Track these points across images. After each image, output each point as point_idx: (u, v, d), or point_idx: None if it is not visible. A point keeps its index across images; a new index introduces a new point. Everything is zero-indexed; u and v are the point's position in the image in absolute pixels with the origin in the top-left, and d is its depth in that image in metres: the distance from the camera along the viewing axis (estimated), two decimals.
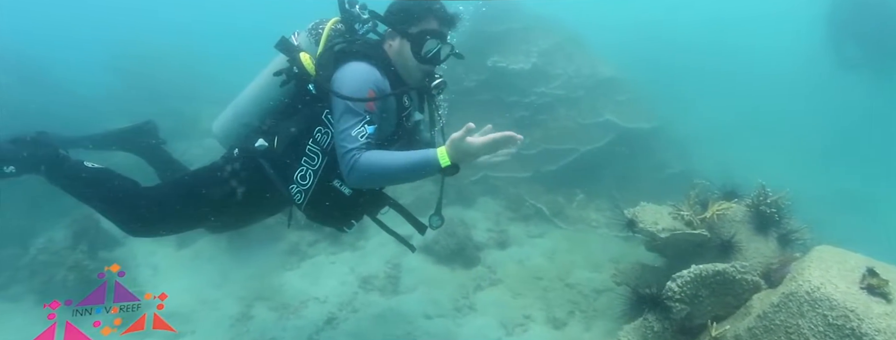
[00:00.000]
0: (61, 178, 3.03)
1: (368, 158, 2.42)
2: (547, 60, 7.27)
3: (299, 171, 2.75)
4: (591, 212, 6.41)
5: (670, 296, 3.14)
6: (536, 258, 5.55)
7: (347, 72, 2.60)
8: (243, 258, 5.77)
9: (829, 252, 2.93)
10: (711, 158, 7.82)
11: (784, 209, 3.83)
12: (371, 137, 2.50)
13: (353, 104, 2.50)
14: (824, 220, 4.24)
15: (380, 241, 5.95)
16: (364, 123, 2.50)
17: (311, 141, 2.77)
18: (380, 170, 2.40)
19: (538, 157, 6.72)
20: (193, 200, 2.90)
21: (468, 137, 2.28)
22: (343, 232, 3.07)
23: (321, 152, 2.76)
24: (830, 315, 2.49)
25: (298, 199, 2.79)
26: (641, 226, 3.88)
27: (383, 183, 2.53)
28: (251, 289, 5.27)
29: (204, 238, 6.13)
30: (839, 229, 4.87)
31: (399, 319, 4.79)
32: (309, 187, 2.75)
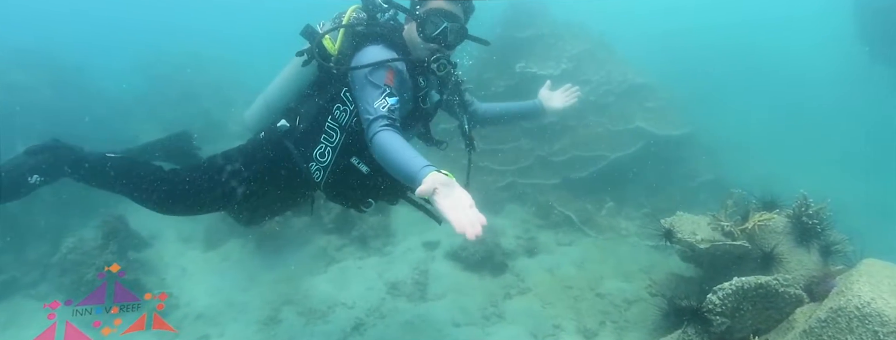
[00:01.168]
0: (88, 174, 3.06)
1: (384, 137, 2.44)
2: (577, 66, 7.20)
3: (318, 148, 2.87)
4: (620, 220, 6.32)
5: (711, 309, 3.06)
6: (566, 267, 5.48)
7: (365, 53, 2.72)
8: (271, 261, 5.81)
9: (878, 266, 2.84)
10: (743, 166, 7.67)
11: (826, 221, 3.73)
12: (393, 107, 2.57)
13: (372, 78, 2.61)
14: (864, 231, 4.10)
15: (407, 246, 5.94)
16: (385, 95, 2.58)
17: (330, 118, 2.88)
18: (384, 155, 2.42)
19: (567, 163, 6.66)
20: (221, 176, 2.97)
21: (458, 186, 2.14)
22: (361, 212, 3.14)
23: (339, 130, 2.87)
24: (881, 331, 2.41)
25: (317, 176, 2.88)
26: (679, 237, 3.80)
27: (387, 169, 2.50)
28: (279, 293, 5.30)
29: (232, 240, 6.19)
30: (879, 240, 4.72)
31: (427, 326, 4.76)
32: (327, 165, 2.86)
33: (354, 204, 3.06)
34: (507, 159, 6.87)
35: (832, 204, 3.79)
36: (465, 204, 2.01)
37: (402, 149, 2.37)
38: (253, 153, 3.03)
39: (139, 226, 6.18)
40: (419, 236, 6.05)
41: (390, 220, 6.32)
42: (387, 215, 6.35)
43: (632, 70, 7.52)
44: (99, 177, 3.05)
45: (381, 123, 2.51)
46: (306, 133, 2.93)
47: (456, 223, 1.93)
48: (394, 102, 2.59)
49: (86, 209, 6.42)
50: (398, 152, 2.36)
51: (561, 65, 7.10)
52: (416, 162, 2.24)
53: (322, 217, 6.29)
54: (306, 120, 2.94)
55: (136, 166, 3.09)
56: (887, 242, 5.23)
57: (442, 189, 2.05)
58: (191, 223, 6.52)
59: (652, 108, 7.17)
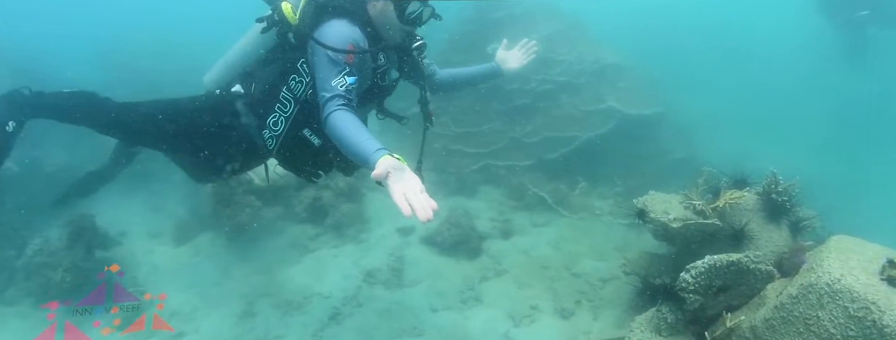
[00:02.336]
0: (47, 111, 3.20)
1: (338, 117, 2.46)
2: (548, 47, 7.13)
3: (272, 117, 2.89)
4: (594, 199, 6.35)
5: (684, 287, 3.08)
6: (541, 248, 5.50)
7: (328, 27, 2.67)
8: (244, 254, 5.69)
9: (847, 242, 2.88)
10: (715, 144, 7.74)
11: (795, 197, 3.78)
12: (351, 86, 2.58)
13: (333, 55, 2.59)
14: (833, 207, 4.17)
15: (382, 233, 5.90)
16: (344, 74, 2.58)
17: (285, 88, 2.88)
18: (338, 136, 2.44)
19: (540, 144, 6.64)
20: (177, 116, 3.11)
21: (408, 170, 2.17)
22: (312, 182, 3.18)
23: (294, 100, 2.87)
24: (851, 307, 2.44)
25: (270, 144, 2.92)
26: (652, 216, 3.82)
27: (341, 149, 2.53)
28: (253, 286, 5.20)
29: (203, 235, 6.05)
30: (848, 216, 4.81)
31: (405, 313, 4.74)
32: (280, 133, 2.88)
33: (305, 175, 3.10)
34: (480, 141, 6.82)
35: (802, 181, 3.83)
36: (415, 189, 2.03)
37: (357, 131, 2.38)
38: (208, 110, 3.10)
39: (107, 223, 5.99)
40: (394, 222, 5.99)
41: (364, 207, 6.25)
42: (360, 202, 6.28)
43: (604, 50, 7.48)
44: (59, 112, 3.20)
45: (337, 103, 2.51)
46: (261, 100, 2.95)
47: (405, 210, 1.96)
48: (352, 81, 2.58)
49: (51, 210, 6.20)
50: (352, 134, 2.36)
51: None
52: (370, 145, 2.24)
53: (294, 207, 6.19)
54: (261, 87, 2.97)
55: (93, 97, 3.23)
56: (857, 217, 5.36)
57: (394, 173, 2.07)
58: (160, 217, 6.37)
59: (624, 87, 7.15)
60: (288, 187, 6.32)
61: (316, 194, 6.13)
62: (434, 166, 6.79)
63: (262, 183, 6.25)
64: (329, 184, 6.30)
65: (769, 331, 2.74)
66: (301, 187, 6.36)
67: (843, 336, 2.45)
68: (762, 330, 2.78)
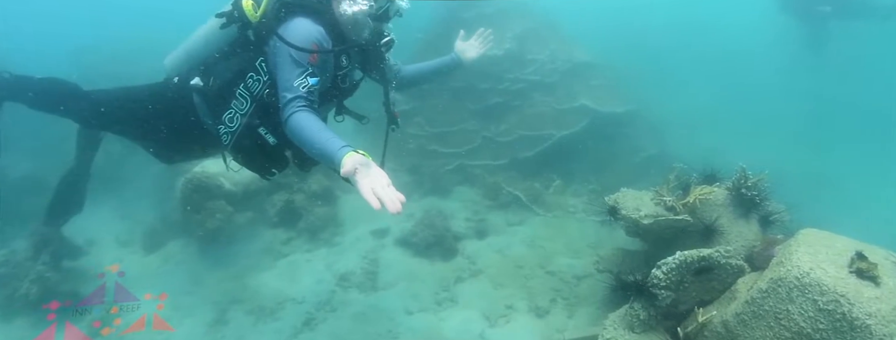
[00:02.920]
0: (22, 94, 3.25)
1: (300, 118, 2.45)
2: (521, 45, 7.15)
3: (228, 113, 2.86)
4: (568, 197, 6.36)
5: (656, 283, 3.07)
6: (516, 247, 5.49)
7: (293, 25, 2.64)
8: (215, 260, 5.57)
9: (816, 236, 2.88)
10: (686, 141, 7.82)
11: (765, 192, 3.80)
12: (313, 88, 2.55)
13: (296, 55, 2.55)
14: (801, 202, 4.22)
15: (356, 235, 5.82)
16: (306, 75, 2.55)
17: (242, 86, 2.84)
18: (300, 137, 2.43)
19: (514, 143, 6.64)
20: (140, 106, 3.11)
21: (375, 166, 2.16)
22: (266, 179, 3.15)
23: (250, 98, 2.83)
24: (821, 300, 2.44)
25: (224, 140, 2.89)
26: (624, 213, 3.80)
27: (304, 150, 2.52)
28: (225, 293, 5.10)
29: (173, 242, 5.92)
30: (817, 209, 4.88)
31: (379, 316, 4.68)
32: (235, 130, 2.85)
33: (260, 171, 3.07)
34: (454, 141, 6.79)
35: (771, 175, 3.86)
36: (383, 183, 2.05)
37: (320, 131, 2.37)
38: (162, 97, 3.08)
39: (74, 233, 5.82)
40: (368, 224, 5.93)
41: (337, 210, 6.18)
42: (334, 205, 6.20)
43: (576, 48, 7.52)
44: (35, 94, 3.23)
45: (298, 104, 2.48)
46: (217, 95, 2.91)
47: (374, 204, 1.98)
48: (314, 82, 2.55)
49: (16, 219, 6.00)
50: (315, 134, 2.36)
51: (505, 44, 7.03)
52: (334, 143, 2.24)
53: (266, 211, 6.09)
54: (219, 81, 2.92)
55: (61, 83, 3.28)
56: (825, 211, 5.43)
57: (361, 169, 2.08)
58: (129, 225, 6.21)
59: (596, 86, 7.20)
60: (260, 192, 6.22)
61: (288, 198, 6.04)
62: (409, 167, 6.74)
63: (232, 187, 6.14)
64: (302, 187, 6.20)
65: (740, 326, 2.74)
66: (273, 191, 6.25)
67: (813, 329, 2.44)
68: (734, 325, 2.78)
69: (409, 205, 6.32)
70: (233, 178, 6.18)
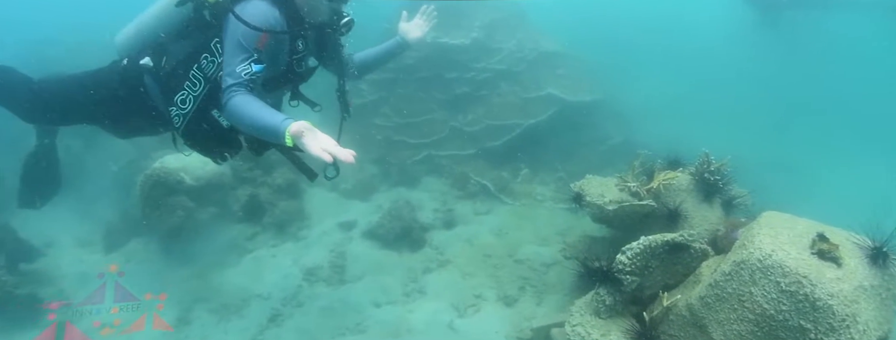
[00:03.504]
0: None
1: (238, 101, 2.41)
2: (488, 35, 7.09)
3: (180, 94, 2.80)
4: (536, 186, 6.36)
5: (621, 269, 3.07)
6: (484, 236, 5.46)
7: (249, 6, 2.59)
8: (178, 258, 5.40)
9: (777, 218, 2.91)
10: (652, 129, 7.87)
11: (727, 176, 3.85)
12: (255, 75, 2.50)
13: (244, 41, 2.50)
14: (763, 186, 4.28)
15: (323, 229, 5.72)
16: (250, 61, 2.50)
17: (196, 67, 2.78)
18: (240, 118, 2.40)
19: (481, 133, 6.60)
20: (83, 93, 3.03)
21: (319, 131, 2.18)
22: (217, 163, 3.11)
23: (204, 79, 2.78)
24: (783, 281, 2.46)
25: (176, 122, 2.83)
26: (588, 199, 3.81)
27: (246, 132, 2.55)
28: (188, 291, 4.95)
29: (134, 241, 5.73)
30: (779, 193, 4.96)
31: (347, 310, 4.61)
32: (187, 112, 2.80)
33: (212, 155, 3.03)
34: (421, 131, 6.72)
35: (733, 161, 3.91)
36: (331, 143, 2.08)
37: (260, 108, 2.34)
38: (111, 79, 3.01)
39: (31, 234, 5.60)
40: (335, 217, 5.83)
41: (304, 203, 6.07)
42: (299, 198, 6.09)
43: (543, 38, 7.50)
44: None
45: (236, 90, 2.44)
46: (170, 76, 2.84)
47: (326, 158, 2.01)
48: (258, 69, 2.50)
49: None
50: (255, 112, 2.33)
51: (472, 33, 6.97)
52: (276, 117, 2.24)
53: (230, 206, 5.94)
54: (172, 62, 2.85)
55: (8, 72, 3.19)
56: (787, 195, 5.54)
57: (308, 133, 2.10)
58: (89, 225, 5.99)
59: (563, 75, 7.20)
60: (223, 187, 6.06)
61: (253, 192, 5.90)
62: (375, 159, 6.66)
63: (194, 183, 5.98)
64: (267, 181, 6.08)
65: (705, 309, 2.75)
66: (237, 185, 6.11)
67: (776, 310, 2.46)
68: (698, 308, 2.79)
69: (377, 197, 6.33)
70: (194, 173, 6.02)
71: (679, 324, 2.88)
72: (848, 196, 6.30)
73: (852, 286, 2.41)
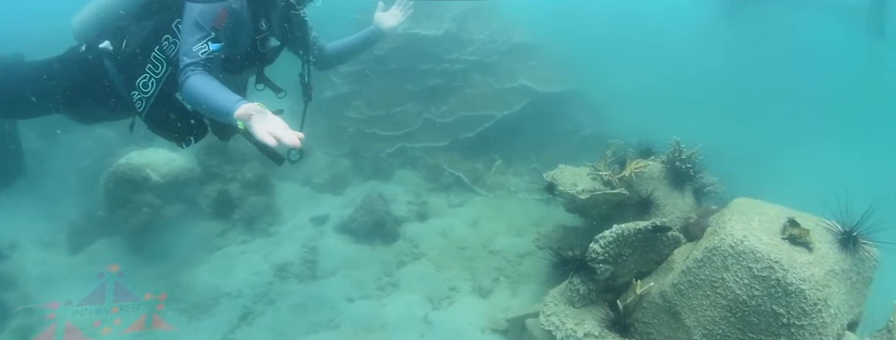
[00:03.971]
0: None
1: (194, 81, 2.36)
2: (460, 26, 7.03)
3: (142, 78, 2.73)
4: (509, 177, 6.34)
5: (594, 257, 3.06)
6: (459, 228, 5.41)
7: None
8: (145, 257, 5.23)
9: (748, 204, 2.92)
10: (623, 119, 7.91)
11: (698, 164, 3.87)
12: (213, 54, 2.45)
13: (201, 19, 2.46)
14: (733, 174, 4.32)
15: (295, 223, 5.61)
16: (208, 40, 2.45)
17: (157, 48, 2.72)
18: (195, 98, 2.35)
19: (455, 125, 6.54)
20: (41, 85, 2.93)
21: (271, 113, 2.15)
22: (181, 147, 3.03)
23: (166, 61, 2.73)
24: (755, 267, 2.46)
25: (139, 106, 2.76)
26: (561, 189, 3.79)
27: (202, 112, 2.49)
28: (157, 291, 4.78)
29: (100, 241, 5.54)
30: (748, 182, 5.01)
31: (320, 306, 4.52)
32: (150, 96, 2.73)
33: (175, 139, 2.95)
34: (394, 123, 6.64)
35: (703, 149, 3.92)
36: (280, 126, 2.04)
37: (216, 88, 2.29)
38: (68, 67, 2.93)
39: None
40: (307, 211, 5.73)
41: (274, 198, 5.94)
42: (270, 193, 5.96)
43: (515, 29, 7.46)
44: None
45: (193, 69, 2.39)
46: (131, 59, 2.76)
47: (270, 141, 1.97)
48: (216, 48, 2.45)
49: None
50: (210, 92, 2.28)
51: (444, 24, 6.89)
52: (229, 98, 2.20)
53: (198, 202, 5.80)
54: (133, 45, 2.77)
55: None
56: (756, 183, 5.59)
57: (256, 116, 2.06)
58: (53, 224, 5.77)
59: (536, 66, 7.18)
60: (191, 182, 5.90)
61: (222, 188, 5.75)
62: (348, 152, 6.57)
63: (160, 179, 5.81)
64: (236, 176, 5.93)
65: (678, 296, 2.75)
66: (205, 181, 5.95)
67: (748, 295, 2.46)
68: (671, 295, 2.78)
69: (349, 190, 6.24)
70: (160, 169, 5.86)
71: (653, 311, 2.88)
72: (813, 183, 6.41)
73: (824, 270, 2.42)
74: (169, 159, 6.02)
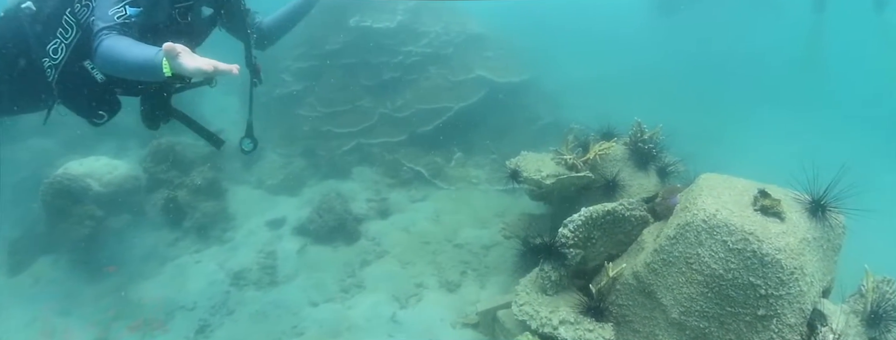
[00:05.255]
0: None
1: (109, 43, 2.21)
2: (413, 18, 6.90)
3: (53, 43, 2.58)
4: (470, 169, 6.23)
5: (564, 242, 2.97)
6: (421, 223, 5.28)
7: None
8: (91, 273, 4.93)
9: (716, 179, 2.88)
10: (580, 108, 7.93)
11: (660, 144, 3.86)
12: (129, 19, 2.31)
13: None
14: (693, 154, 4.31)
15: (250, 228, 5.38)
16: (125, 4, 2.32)
17: (69, 11, 2.57)
18: (112, 59, 2.19)
19: (412, 118, 6.41)
20: None
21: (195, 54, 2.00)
22: (94, 125, 2.85)
23: (76, 26, 2.57)
24: (730, 240, 2.41)
25: (49, 75, 2.61)
26: (526, 175, 3.70)
27: (122, 75, 2.32)
28: (106, 309, 4.52)
29: (41, 258, 5.22)
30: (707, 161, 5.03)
31: (282, 312, 4.31)
32: (59, 62, 2.59)
33: (86, 114, 2.79)
34: (349, 120, 6.46)
35: (664, 130, 3.89)
36: (212, 61, 1.90)
37: (132, 45, 2.15)
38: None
39: None
40: (262, 215, 5.51)
41: (227, 203, 5.70)
42: (222, 198, 5.71)
43: (469, 20, 7.38)
44: None
45: (107, 32, 2.23)
46: (46, 23, 2.60)
47: (207, 68, 1.83)
48: (133, 12, 2.30)
49: None
50: (127, 50, 2.12)
51: (397, 16, 6.76)
52: (150, 49, 2.04)
53: (146, 212, 5.52)
54: (47, 9, 2.61)
55: None
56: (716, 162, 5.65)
57: (184, 53, 1.89)
58: None
59: (491, 57, 7.12)
60: (136, 191, 5.60)
61: (170, 195, 5.48)
62: (303, 151, 6.38)
63: (102, 189, 5.49)
64: (184, 181, 5.67)
65: (652, 275, 2.68)
66: (152, 188, 5.67)
67: (725, 269, 2.41)
68: (645, 275, 2.71)
69: (306, 191, 6.03)
70: (102, 178, 5.55)
71: (627, 293, 2.80)
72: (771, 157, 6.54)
73: (797, 239, 2.40)
74: (111, 167, 5.72)
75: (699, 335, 2.51)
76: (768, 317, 2.36)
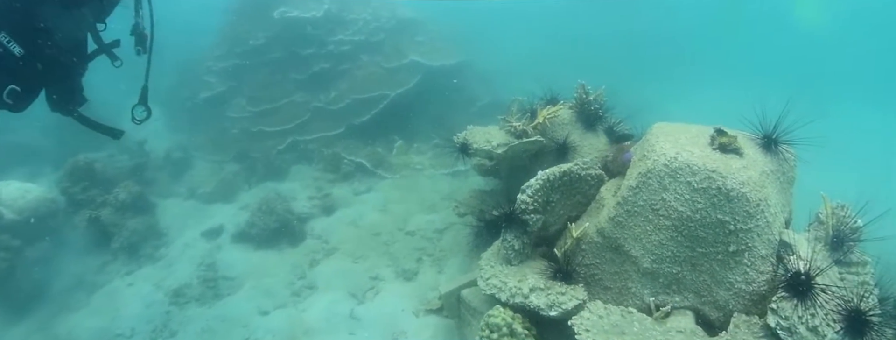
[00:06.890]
0: None
1: None
2: (341, 6, 6.64)
3: None
4: (412, 156, 6.05)
5: (524, 209, 2.80)
6: (369, 215, 5.05)
7: None
8: (13, 311, 4.46)
9: (669, 126, 2.80)
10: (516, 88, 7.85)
11: (606, 104, 3.79)
12: None
13: None
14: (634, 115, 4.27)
15: (185, 241, 5.01)
16: None
17: None
18: None
19: (347, 109, 6.16)
20: None
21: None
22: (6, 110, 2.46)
23: None
24: (693, 180, 2.31)
25: None
26: (476, 146, 3.54)
27: None
28: None
29: None
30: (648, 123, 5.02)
31: (230, 326, 3.99)
32: None
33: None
34: (282, 117, 6.17)
35: (607, 91, 3.81)
36: None
37: None
38: None
39: None
40: (196, 226, 5.15)
41: (157, 218, 5.31)
42: (150, 213, 5.30)
43: (398, 5, 7.18)
44: None
45: None
46: None
47: None
48: None
49: None
50: None
51: (324, 5, 6.49)
52: None
53: (67, 236, 5.05)
54: None
55: None
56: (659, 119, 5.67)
57: None
58: None
59: (423, 41, 6.96)
60: (54, 215, 5.10)
61: (93, 215, 5.05)
62: (235, 155, 6.05)
63: (15, 216, 4.97)
64: (107, 199, 5.25)
65: (618, 228, 2.55)
66: (72, 210, 5.20)
67: (692, 210, 2.31)
68: (610, 230, 2.58)
69: (242, 196, 5.69)
70: (13, 204, 5.03)
71: (593, 251, 2.67)
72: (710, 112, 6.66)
73: (758, 171, 2.34)
74: (23, 192, 5.21)
75: (673, 281, 2.40)
76: (740, 252, 2.30)
